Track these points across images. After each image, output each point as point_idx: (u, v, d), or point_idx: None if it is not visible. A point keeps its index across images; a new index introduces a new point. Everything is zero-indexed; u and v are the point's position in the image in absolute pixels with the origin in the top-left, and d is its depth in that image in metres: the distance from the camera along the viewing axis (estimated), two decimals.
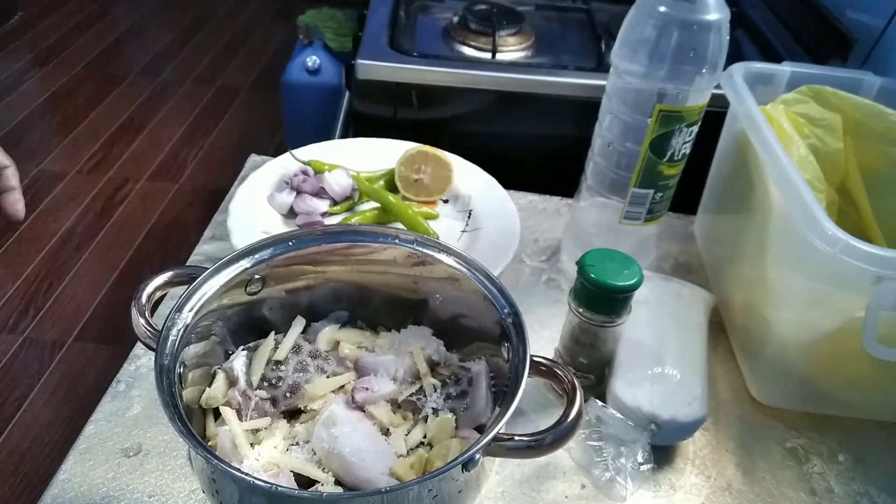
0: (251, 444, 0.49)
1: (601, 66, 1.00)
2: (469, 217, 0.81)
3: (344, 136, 1.15)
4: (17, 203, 0.59)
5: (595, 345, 0.61)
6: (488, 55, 1.04)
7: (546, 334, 0.71)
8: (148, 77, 2.74)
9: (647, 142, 0.65)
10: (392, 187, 0.82)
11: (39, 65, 2.75)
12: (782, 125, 0.66)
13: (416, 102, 0.99)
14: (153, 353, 0.46)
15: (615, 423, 0.58)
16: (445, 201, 0.83)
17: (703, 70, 0.61)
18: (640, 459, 0.57)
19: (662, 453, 0.60)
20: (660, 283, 0.69)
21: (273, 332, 0.57)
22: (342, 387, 0.54)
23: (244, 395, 0.52)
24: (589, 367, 0.63)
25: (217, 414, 0.52)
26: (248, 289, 0.54)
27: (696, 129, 0.66)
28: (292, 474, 0.47)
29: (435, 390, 0.54)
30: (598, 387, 0.64)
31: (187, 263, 0.75)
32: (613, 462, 0.57)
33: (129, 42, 3.00)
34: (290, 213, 0.79)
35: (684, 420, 0.57)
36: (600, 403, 0.59)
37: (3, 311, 1.76)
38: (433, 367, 0.56)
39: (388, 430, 0.52)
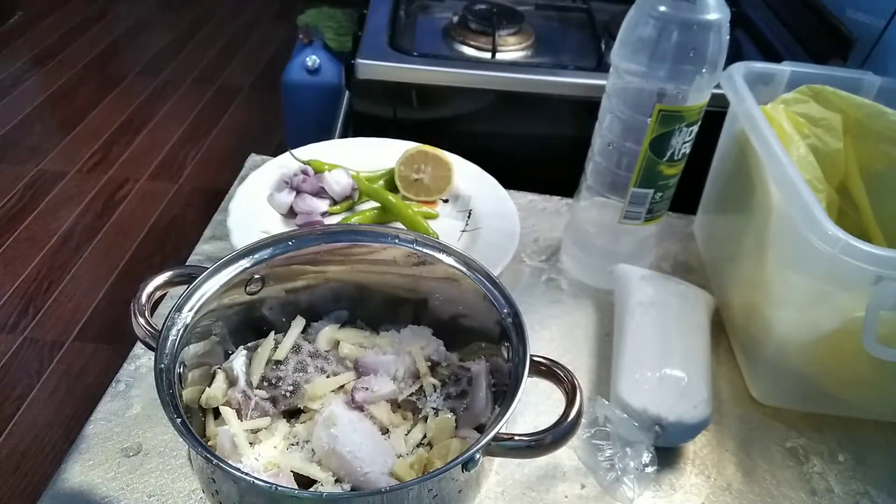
0: (251, 444, 0.49)
1: (601, 66, 1.00)
2: (469, 217, 0.80)
3: (344, 135, 1.15)
4: None
5: None
6: (488, 55, 1.04)
7: (546, 334, 0.71)
8: (148, 77, 2.74)
9: (647, 141, 0.65)
10: (392, 187, 0.82)
11: (39, 65, 2.75)
12: (782, 125, 0.66)
13: (415, 102, 0.99)
14: (153, 353, 0.46)
15: (620, 423, 0.58)
16: (445, 201, 0.83)
17: (703, 70, 0.61)
18: (644, 461, 0.57)
19: (663, 453, 0.60)
20: (663, 283, 0.69)
21: (273, 332, 0.57)
22: (342, 387, 0.54)
23: (244, 394, 0.52)
24: None
25: (217, 414, 0.52)
26: (247, 288, 0.54)
27: (695, 128, 0.66)
28: (292, 474, 0.47)
29: (435, 390, 0.54)
30: None
31: (187, 263, 0.75)
32: (619, 463, 0.57)
33: (128, 42, 3.00)
34: (290, 213, 0.79)
35: (690, 422, 0.57)
36: (607, 402, 0.59)
37: (3, 311, 1.76)
38: (433, 367, 0.56)
39: (388, 429, 0.52)
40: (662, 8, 0.60)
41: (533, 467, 0.59)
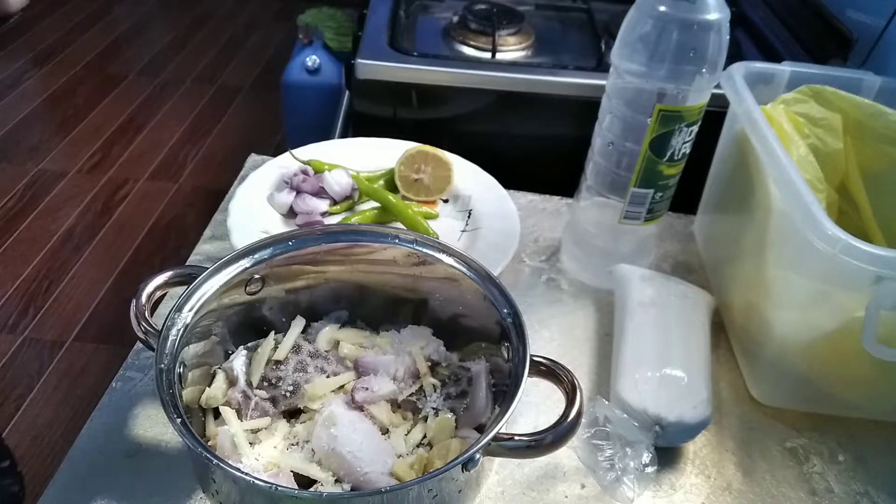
0: (251, 444, 0.49)
1: (601, 66, 1.00)
2: (469, 217, 0.80)
3: (344, 135, 1.15)
4: None
5: None
6: (488, 55, 1.04)
7: (546, 334, 0.71)
8: (148, 77, 2.75)
9: (647, 141, 0.65)
10: (392, 187, 0.82)
11: (39, 65, 2.75)
12: (782, 125, 0.66)
13: (416, 102, 0.99)
14: (153, 353, 0.46)
15: (620, 423, 0.58)
16: (445, 201, 0.83)
17: (703, 70, 0.61)
18: (644, 461, 0.57)
19: (663, 453, 0.60)
20: (663, 283, 0.69)
21: (273, 332, 0.57)
22: (342, 387, 0.54)
23: (244, 394, 0.52)
24: None
25: (217, 414, 0.52)
26: (247, 288, 0.54)
27: (695, 128, 0.66)
28: (292, 474, 0.48)
29: (435, 390, 0.54)
30: None
31: (187, 263, 0.75)
32: (619, 463, 0.57)
33: (129, 42, 3.00)
34: (290, 213, 0.79)
35: (690, 422, 0.57)
36: (607, 402, 0.59)
37: (3, 311, 1.76)
38: (433, 367, 0.56)
39: (388, 429, 0.52)
40: (662, 8, 0.60)
41: (533, 467, 0.59)
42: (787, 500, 0.58)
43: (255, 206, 0.78)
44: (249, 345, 0.56)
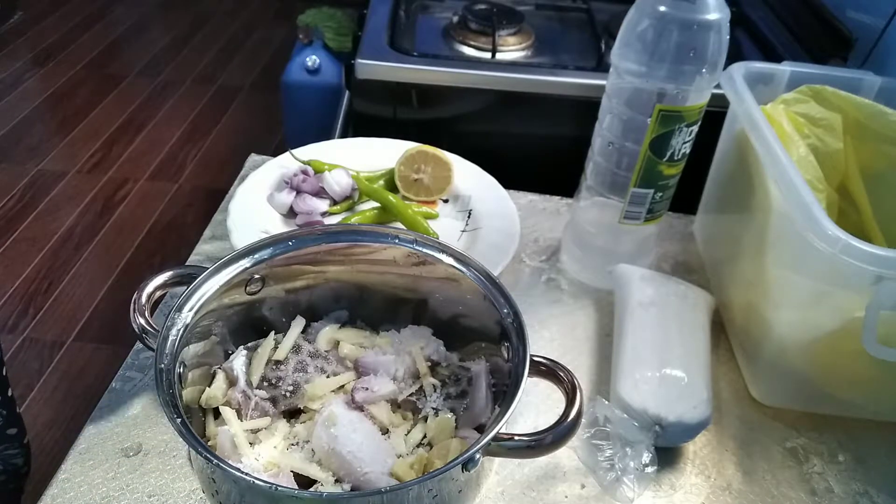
0: (251, 444, 0.49)
1: (601, 66, 1.00)
2: (469, 217, 0.80)
3: (344, 135, 1.15)
4: None
5: None
6: (488, 55, 1.04)
7: (546, 334, 0.71)
8: (148, 77, 2.75)
9: (647, 141, 0.65)
10: (392, 187, 0.82)
11: (39, 65, 2.75)
12: (782, 125, 0.66)
13: (415, 102, 0.99)
14: (153, 353, 0.46)
15: (621, 423, 0.58)
16: (445, 201, 0.83)
17: (703, 70, 0.61)
18: (644, 461, 0.57)
19: (663, 453, 0.60)
20: (663, 283, 0.69)
21: (273, 332, 0.57)
22: (342, 387, 0.54)
23: (244, 394, 0.52)
24: None
25: (217, 414, 0.52)
26: (247, 288, 0.54)
27: (695, 128, 0.66)
28: (292, 474, 0.47)
29: (435, 390, 0.54)
30: None
31: (187, 263, 0.75)
32: (619, 463, 0.57)
33: (128, 42, 3.00)
34: (290, 213, 0.79)
35: (690, 422, 0.57)
36: (607, 402, 0.59)
37: (3, 311, 1.76)
38: (433, 367, 0.56)
39: (388, 429, 0.52)
40: (662, 8, 0.60)
41: (533, 467, 0.59)
42: (787, 500, 0.58)
43: (255, 206, 0.78)
44: (249, 345, 0.56)
